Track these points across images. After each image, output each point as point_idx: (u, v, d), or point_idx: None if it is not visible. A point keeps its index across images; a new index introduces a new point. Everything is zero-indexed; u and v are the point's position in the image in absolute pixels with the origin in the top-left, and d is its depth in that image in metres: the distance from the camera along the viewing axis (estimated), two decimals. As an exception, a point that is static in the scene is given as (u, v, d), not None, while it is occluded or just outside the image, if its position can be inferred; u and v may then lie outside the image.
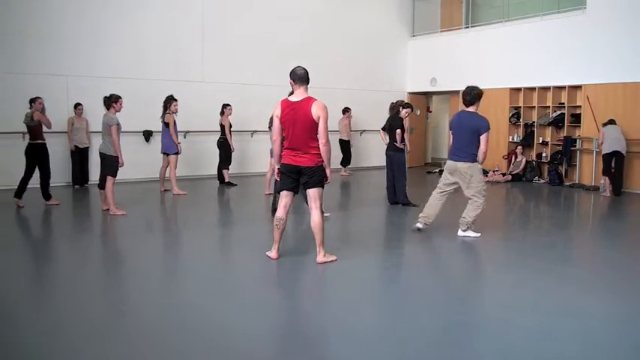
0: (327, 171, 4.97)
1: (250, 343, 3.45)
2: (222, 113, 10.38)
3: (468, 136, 6.09)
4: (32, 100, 7.91)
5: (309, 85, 5.00)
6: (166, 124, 9.21)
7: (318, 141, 4.87)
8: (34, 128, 7.85)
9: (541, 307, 4.09)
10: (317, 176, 4.93)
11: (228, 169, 10.68)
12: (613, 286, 4.68)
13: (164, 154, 9.48)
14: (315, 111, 4.79)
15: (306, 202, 5.25)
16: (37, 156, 7.84)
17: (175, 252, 6.02)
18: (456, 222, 6.50)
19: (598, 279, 4.97)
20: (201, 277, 4.83)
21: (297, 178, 4.98)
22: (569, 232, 7.32)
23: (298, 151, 4.87)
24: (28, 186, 7.93)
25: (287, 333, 3.68)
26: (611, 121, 10.17)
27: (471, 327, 3.74)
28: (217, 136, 10.58)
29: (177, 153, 9.33)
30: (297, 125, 4.83)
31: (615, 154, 9.90)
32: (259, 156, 11.67)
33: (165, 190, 9.56)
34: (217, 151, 10.62)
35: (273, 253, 5.17)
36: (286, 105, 4.93)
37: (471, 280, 5.09)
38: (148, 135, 11.03)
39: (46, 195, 8.10)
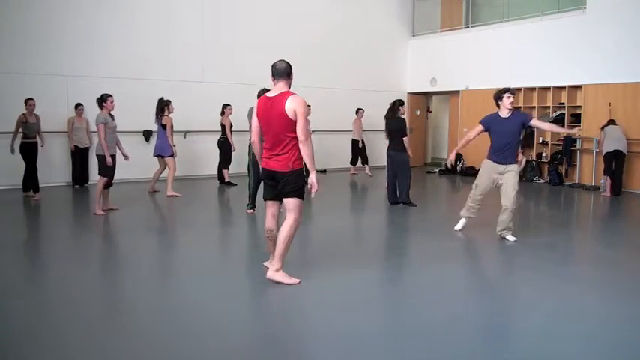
0: (312, 176, 4.35)
1: (249, 344, 3.44)
2: (222, 113, 10.38)
3: None
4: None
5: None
6: (164, 126, 9.14)
7: (295, 140, 4.31)
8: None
9: (542, 307, 4.09)
10: (292, 184, 4.37)
11: (228, 169, 10.69)
12: (614, 286, 4.67)
13: (158, 156, 9.31)
14: (290, 106, 4.25)
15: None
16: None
17: (173, 252, 6.01)
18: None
19: (598, 279, 4.96)
20: (198, 277, 4.82)
21: (276, 184, 4.46)
22: (569, 232, 7.31)
23: (273, 152, 4.39)
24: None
25: (286, 335, 3.67)
26: (611, 122, 10.19)
27: (470, 327, 3.73)
28: (217, 136, 10.59)
29: (172, 155, 9.22)
30: (272, 123, 4.35)
31: (616, 153, 9.91)
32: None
33: (155, 192, 9.49)
34: (217, 151, 10.63)
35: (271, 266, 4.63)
36: (262, 101, 4.46)
37: (471, 280, 5.08)
38: (147, 135, 11.03)
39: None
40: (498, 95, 6.20)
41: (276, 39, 12.44)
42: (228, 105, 10.40)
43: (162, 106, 9.11)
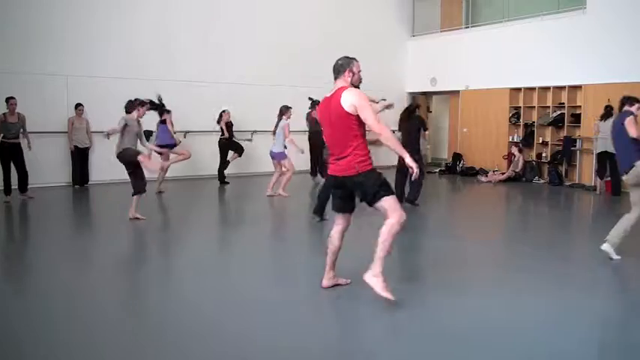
0: (407, 160, 3.98)
1: (249, 345, 3.45)
2: (219, 121, 10.46)
3: None
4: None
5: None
6: (164, 121, 9.34)
7: (359, 139, 3.98)
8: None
9: (542, 307, 4.09)
10: (371, 186, 3.95)
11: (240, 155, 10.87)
12: (612, 286, 4.68)
13: (165, 146, 9.13)
14: (346, 99, 3.91)
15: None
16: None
17: (177, 253, 6.01)
18: (463, 228, 6.50)
19: (598, 279, 4.97)
20: (202, 278, 4.82)
21: (348, 193, 4.14)
22: (568, 232, 7.32)
23: (335, 155, 4.08)
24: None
25: (293, 346, 3.67)
26: (609, 112, 9.95)
27: (471, 326, 3.73)
28: (217, 136, 10.64)
29: (175, 145, 9.42)
30: (331, 123, 4.05)
31: (606, 154, 9.87)
32: (259, 156, 11.69)
33: (161, 192, 9.41)
34: (217, 150, 10.66)
35: (323, 281, 4.40)
36: (322, 103, 4.22)
37: (471, 280, 5.08)
38: (147, 135, 11.01)
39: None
40: (630, 102, 5.51)
41: (276, 39, 12.44)
42: (224, 111, 10.49)
43: (158, 108, 8.98)
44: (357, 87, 4.14)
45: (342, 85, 4.05)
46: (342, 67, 4.10)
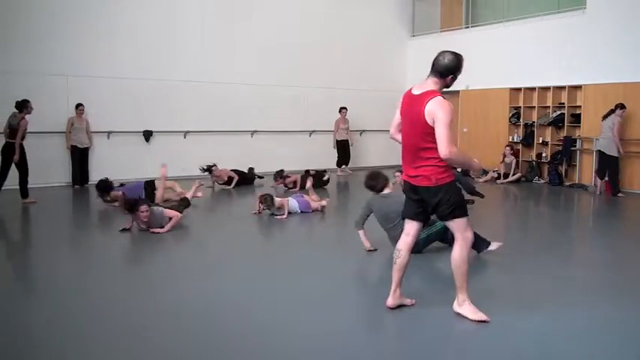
0: (474, 164, 3.81)
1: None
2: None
3: None
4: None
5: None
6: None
7: (437, 150, 3.47)
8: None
9: (541, 308, 4.09)
10: (445, 203, 3.57)
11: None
12: (613, 286, 4.68)
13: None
14: (430, 108, 3.45)
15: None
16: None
17: (178, 251, 6.01)
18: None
19: (597, 279, 4.97)
20: (204, 276, 4.82)
21: (419, 200, 3.70)
22: (567, 233, 7.32)
23: (412, 163, 3.65)
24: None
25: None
26: (612, 110, 9.91)
27: (472, 326, 3.73)
28: (217, 136, 10.68)
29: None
30: (410, 125, 3.62)
31: (600, 153, 9.84)
32: (259, 156, 11.72)
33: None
34: (215, 151, 10.72)
35: (389, 299, 3.90)
36: (407, 97, 3.69)
37: (471, 280, 5.08)
38: (148, 135, 11.05)
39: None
40: None
41: (276, 39, 12.45)
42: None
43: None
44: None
45: (432, 90, 3.54)
46: (445, 67, 3.55)
